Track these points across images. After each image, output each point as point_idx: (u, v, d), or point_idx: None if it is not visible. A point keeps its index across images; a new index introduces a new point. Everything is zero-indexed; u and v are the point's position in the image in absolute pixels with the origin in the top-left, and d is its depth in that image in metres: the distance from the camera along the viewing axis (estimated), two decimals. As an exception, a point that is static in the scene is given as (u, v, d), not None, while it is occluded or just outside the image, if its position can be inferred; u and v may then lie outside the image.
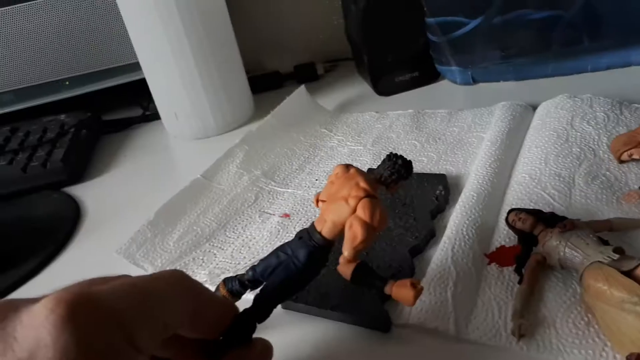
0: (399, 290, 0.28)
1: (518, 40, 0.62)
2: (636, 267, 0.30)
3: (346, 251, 0.30)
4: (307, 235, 0.30)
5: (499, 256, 0.37)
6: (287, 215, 0.48)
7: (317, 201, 0.32)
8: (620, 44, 0.60)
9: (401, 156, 0.32)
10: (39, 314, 0.19)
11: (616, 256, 0.31)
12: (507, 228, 0.39)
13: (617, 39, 0.60)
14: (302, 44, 0.88)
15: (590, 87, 0.57)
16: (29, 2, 0.73)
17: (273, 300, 0.30)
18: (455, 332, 0.32)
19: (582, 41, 0.61)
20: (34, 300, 0.21)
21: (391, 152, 0.32)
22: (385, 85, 0.70)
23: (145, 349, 0.22)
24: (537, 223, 0.36)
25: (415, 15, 0.65)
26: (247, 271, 0.33)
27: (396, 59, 0.68)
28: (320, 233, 0.30)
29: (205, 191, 0.52)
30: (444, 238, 0.39)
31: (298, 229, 0.45)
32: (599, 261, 0.31)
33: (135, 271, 0.44)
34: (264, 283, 0.31)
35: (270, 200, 0.51)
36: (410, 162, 0.32)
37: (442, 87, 0.70)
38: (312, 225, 0.31)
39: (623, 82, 0.59)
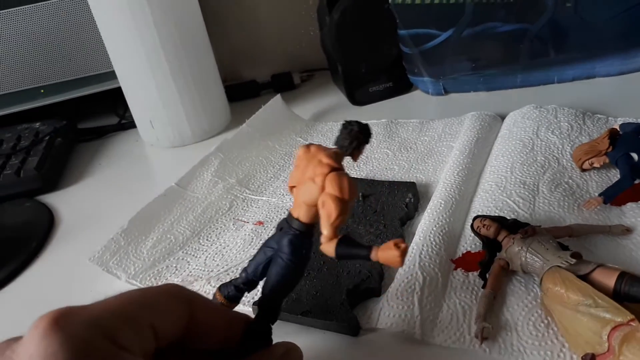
0: (385, 253, 0.27)
1: (487, 52, 0.64)
2: (592, 271, 0.31)
3: (325, 230, 0.29)
4: (286, 224, 0.30)
5: (465, 261, 0.38)
6: (260, 223, 0.49)
7: (291, 189, 0.31)
8: (585, 57, 0.63)
9: (356, 121, 0.30)
10: (29, 334, 0.21)
11: (573, 261, 0.32)
12: (472, 234, 0.40)
13: (582, 52, 0.63)
14: (279, 54, 0.89)
15: (557, 98, 0.59)
16: (4, 10, 0.72)
17: (275, 298, 0.30)
18: (421, 335, 0.33)
19: (548, 54, 0.63)
20: None
21: (345, 120, 0.30)
22: (359, 95, 0.71)
23: (131, 347, 0.23)
24: (500, 229, 0.38)
25: (388, 27, 0.67)
26: (240, 274, 0.33)
27: (370, 70, 0.70)
28: (297, 219, 0.29)
29: (180, 199, 0.52)
30: (412, 244, 0.40)
31: (271, 236, 0.46)
32: (557, 265, 0.32)
33: (108, 279, 0.44)
34: (262, 284, 0.31)
35: (244, 208, 0.51)
36: (366, 125, 0.30)
37: (415, 97, 0.71)
38: (289, 213, 0.30)
39: (587, 93, 0.61)
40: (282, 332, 0.36)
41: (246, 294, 0.34)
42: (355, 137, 0.29)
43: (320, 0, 0.69)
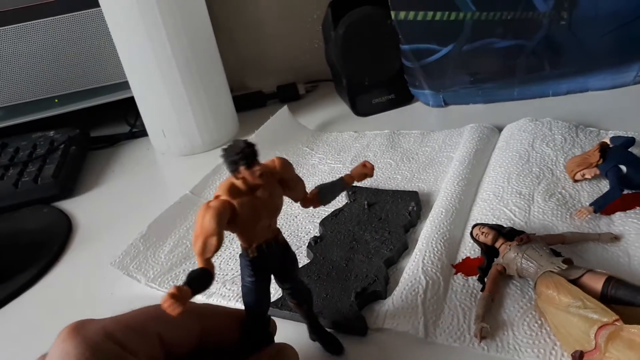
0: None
1: (485, 66, 0.67)
2: (582, 275, 0.34)
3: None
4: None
5: (465, 267, 0.41)
6: (271, 229, 0.51)
7: None
8: (579, 71, 0.66)
9: (224, 148, 0.28)
10: (54, 341, 0.27)
11: (565, 266, 0.35)
12: (472, 241, 0.43)
13: (576, 66, 0.66)
14: (284, 65, 0.92)
15: (552, 110, 0.62)
16: (21, 24, 0.75)
17: (254, 315, 0.32)
18: (424, 335, 0.36)
19: (543, 68, 0.66)
20: None
21: (221, 149, 0.28)
22: (362, 106, 0.74)
23: (138, 352, 0.27)
24: (498, 237, 0.40)
25: (391, 42, 0.70)
26: None
27: (373, 82, 0.72)
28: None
29: (194, 206, 0.55)
30: (416, 250, 0.43)
31: (281, 242, 0.49)
32: (550, 271, 0.35)
33: (126, 282, 0.47)
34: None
35: (255, 215, 0.54)
36: (230, 147, 0.28)
37: (415, 109, 0.74)
38: None
39: (581, 106, 0.64)
40: (294, 332, 0.38)
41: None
42: (231, 163, 0.28)
43: (326, 15, 0.72)
